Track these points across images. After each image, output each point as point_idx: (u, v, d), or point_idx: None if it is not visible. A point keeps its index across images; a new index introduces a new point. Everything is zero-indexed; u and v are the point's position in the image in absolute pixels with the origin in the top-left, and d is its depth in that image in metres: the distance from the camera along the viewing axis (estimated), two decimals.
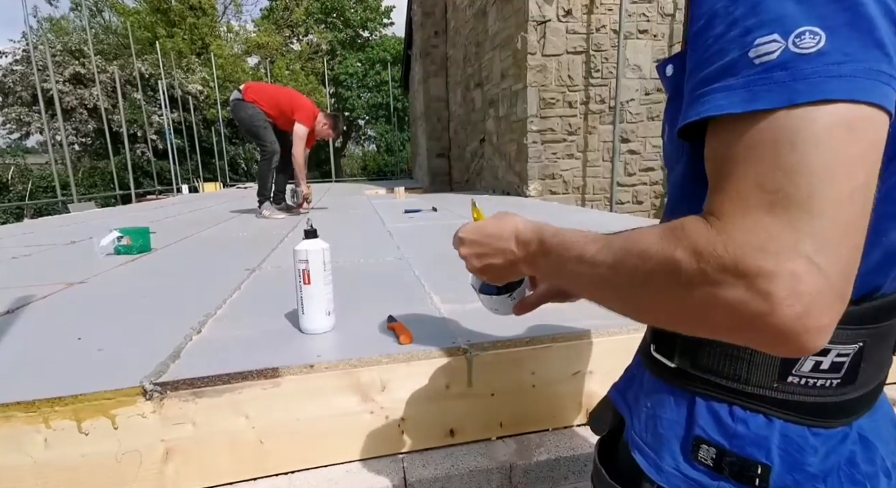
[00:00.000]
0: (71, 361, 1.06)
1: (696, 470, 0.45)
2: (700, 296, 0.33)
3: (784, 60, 0.31)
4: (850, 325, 0.41)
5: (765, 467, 0.42)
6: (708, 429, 0.44)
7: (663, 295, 0.35)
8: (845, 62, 0.30)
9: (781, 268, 0.29)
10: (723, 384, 0.44)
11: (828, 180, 0.29)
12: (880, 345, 0.44)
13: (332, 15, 24.11)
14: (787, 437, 0.42)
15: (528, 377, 1.08)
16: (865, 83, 0.30)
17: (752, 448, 0.43)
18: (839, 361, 0.42)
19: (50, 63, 8.51)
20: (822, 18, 0.30)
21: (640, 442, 0.50)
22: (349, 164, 27.51)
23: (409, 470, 0.98)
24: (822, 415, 0.43)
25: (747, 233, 0.31)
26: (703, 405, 0.45)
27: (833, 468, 0.43)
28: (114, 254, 2.47)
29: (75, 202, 7.86)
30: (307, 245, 1.13)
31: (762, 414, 0.43)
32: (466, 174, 8.20)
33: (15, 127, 16.57)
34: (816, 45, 0.30)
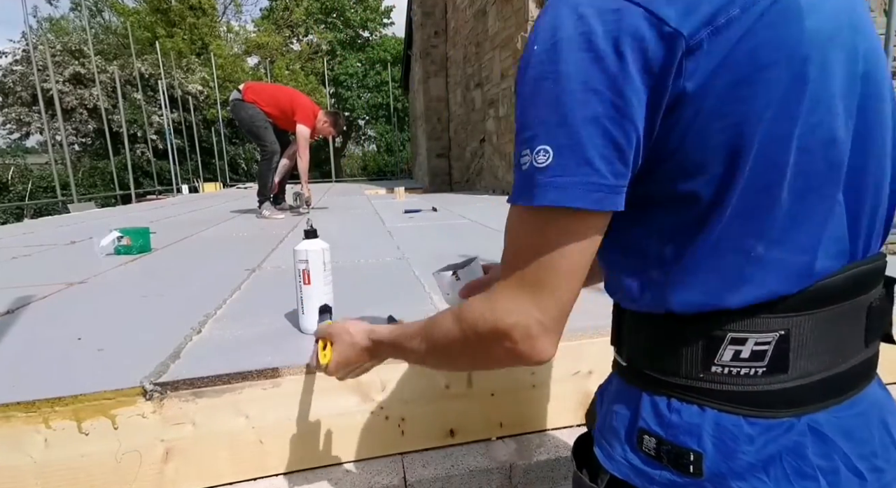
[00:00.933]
0: (71, 361, 1.06)
1: (641, 459, 0.49)
2: (485, 351, 0.50)
3: (529, 170, 0.43)
4: (764, 315, 0.44)
5: (697, 454, 0.45)
6: (649, 421, 0.48)
7: (465, 357, 0.55)
8: (563, 175, 0.41)
9: (519, 325, 0.46)
10: (660, 378, 0.49)
11: (550, 266, 0.44)
12: (818, 333, 0.44)
13: (332, 15, 24.11)
14: (720, 426, 0.45)
15: (528, 377, 1.09)
16: (576, 192, 0.41)
17: (684, 436, 0.46)
18: (759, 349, 0.44)
19: (50, 63, 8.51)
20: (552, 141, 0.41)
21: (598, 435, 0.55)
22: (349, 164, 27.51)
23: (409, 470, 0.98)
24: (758, 404, 0.44)
25: (503, 303, 0.47)
26: (646, 399, 0.49)
27: (773, 458, 0.44)
28: (114, 254, 2.47)
29: (75, 202, 7.86)
30: (307, 245, 1.13)
31: (696, 405, 0.46)
32: (466, 174, 8.20)
33: (15, 127, 16.58)
34: (547, 161, 0.41)
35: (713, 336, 0.45)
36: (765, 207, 0.42)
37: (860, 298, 0.46)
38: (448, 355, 0.56)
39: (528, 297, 0.46)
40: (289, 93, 4.28)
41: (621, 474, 0.50)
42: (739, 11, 0.39)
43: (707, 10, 0.39)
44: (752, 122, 0.40)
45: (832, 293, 0.45)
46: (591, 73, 0.40)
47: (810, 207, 0.43)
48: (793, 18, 0.40)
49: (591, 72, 0.40)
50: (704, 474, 0.45)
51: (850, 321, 0.46)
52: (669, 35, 0.38)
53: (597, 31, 0.40)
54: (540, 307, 0.45)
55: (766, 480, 0.43)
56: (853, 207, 0.46)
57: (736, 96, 0.40)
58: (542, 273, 0.44)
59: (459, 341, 0.52)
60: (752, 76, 0.39)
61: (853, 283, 0.46)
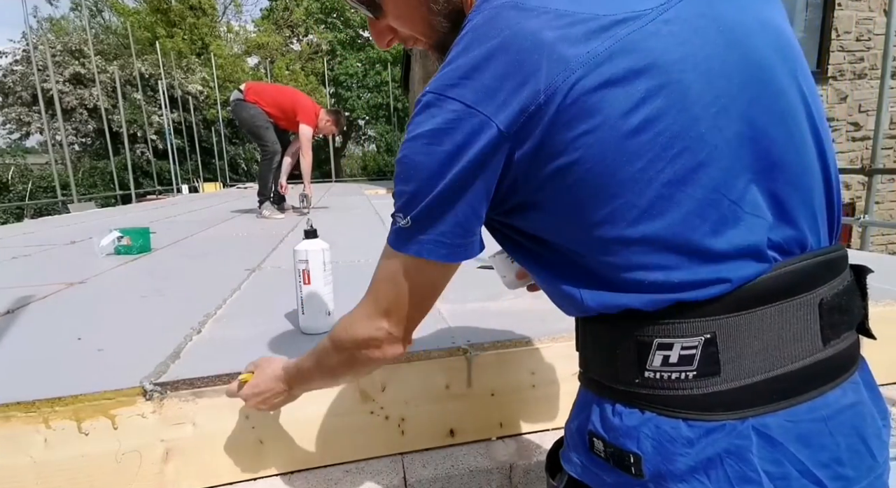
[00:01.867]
0: (71, 361, 1.06)
1: (591, 460, 0.52)
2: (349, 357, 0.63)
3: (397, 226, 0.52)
4: (686, 319, 0.45)
5: (636, 456, 0.46)
6: (597, 424, 0.51)
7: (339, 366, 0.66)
8: (416, 235, 0.51)
9: (372, 337, 0.59)
10: (606, 384, 0.51)
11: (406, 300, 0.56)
12: (748, 335, 0.44)
13: (332, 15, 24.09)
14: (658, 429, 0.46)
15: (528, 377, 1.08)
16: (425, 247, 0.51)
17: (624, 439, 0.48)
18: (687, 354, 0.45)
19: (50, 63, 8.51)
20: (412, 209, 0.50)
21: (564, 439, 0.59)
22: (349, 164, 27.49)
23: (409, 470, 0.98)
24: (695, 408, 0.45)
25: (361, 321, 0.60)
26: (595, 403, 0.52)
27: (713, 460, 0.43)
28: (114, 254, 2.47)
29: (75, 202, 7.86)
30: (307, 245, 1.13)
31: (638, 409, 0.48)
32: None
33: (15, 127, 16.56)
34: (408, 223, 0.50)
35: (642, 342, 0.47)
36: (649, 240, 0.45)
37: (804, 296, 0.45)
38: (329, 367, 0.67)
39: (383, 317, 0.57)
40: (290, 93, 4.28)
41: (577, 474, 0.54)
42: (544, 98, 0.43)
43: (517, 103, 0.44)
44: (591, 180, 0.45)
45: (760, 294, 0.44)
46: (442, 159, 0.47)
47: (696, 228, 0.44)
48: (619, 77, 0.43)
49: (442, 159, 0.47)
50: (645, 475, 0.46)
51: (797, 319, 0.45)
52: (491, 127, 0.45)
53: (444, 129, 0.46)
54: (392, 325, 0.58)
55: (707, 482, 0.43)
56: (779, 207, 0.46)
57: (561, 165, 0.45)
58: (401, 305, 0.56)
59: (331, 352, 0.65)
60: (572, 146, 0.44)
61: (794, 281, 0.45)
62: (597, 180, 0.45)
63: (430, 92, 0.47)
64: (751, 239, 0.45)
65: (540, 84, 0.43)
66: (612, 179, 0.44)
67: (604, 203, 0.45)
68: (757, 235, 0.45)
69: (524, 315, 1.24)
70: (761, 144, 0.45)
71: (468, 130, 0.45)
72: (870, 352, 0.51)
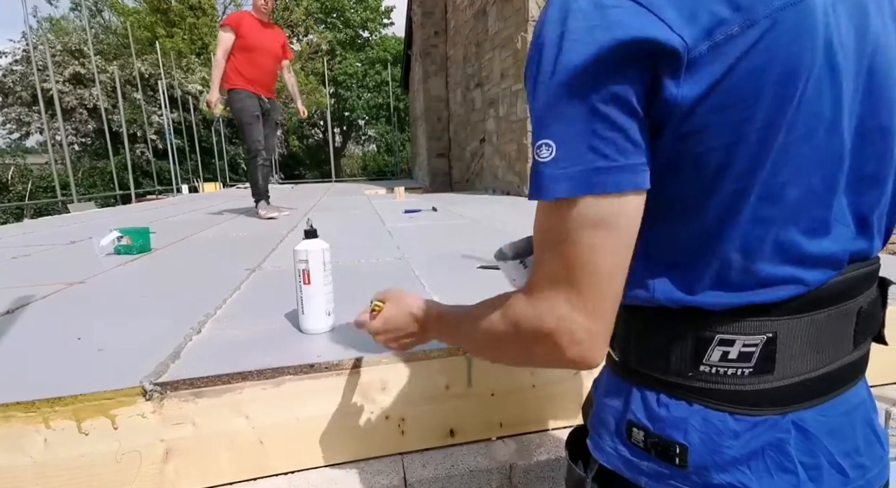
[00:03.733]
0: (71, 361, 1.06)
1: (630, 450, 0.51)
2: (525, 349, 0.50)
3: (537, 165, 0.42)
4: (752, 318, 0.45)
5: (682, 447, 0.47)
6: (638, 414, 0.50)
7: (506, 352, 0.54)
8: (569, 165, 0.41)
9: (563, 328, 0.44)
10: (651, 375, 0.50)
11: (577, 265, 0.42)
12: (804, 337, 0.45)
13: (332, 15, 24.10)
14: (706, 421, 0.46)
15: (527, 377, 1.08)
16: (585, 179, 0.40)
17: (671, 430, 0.48)
18: (747, 351, 0.45)
19: (50, 63, 8.51)
20: (554, 134, 0.41)
21: (590, 427, 0.57)
22: (349, 164, 27.50)
23: (409, 470, 0.98)
24: (743, 403, 0.46)
25: (542, 305, 0.46)
26: (637, 393, 0.51)
27: (756, 452, 0.45)
28: (114, 254, 2.47)
29: (75, 202, 7.86)
30: (307, 245, 1.13)
31: (685, 401, 0.48)
32: (466, 174, 8.20)
33: (15, 127, 16.58)
34: (551, 154, 0.41)
35: (702, 337, 0.46)
36: (759, 222, 0.43)
37: (850, 302, 0.47)
38: (494, 347, 0.55)
39: (564, 298, 0.44)
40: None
41: (611, 464, 0.52)
42: (738, 29, 0.38)
43: (706, 23, 0.38)
44: (744, 142, 0.41)
45: (824, 298, 0.45)
46: (591, 66, 0.40)
47: (806, 223, 0.44)
48: (797, 35, 0.39)
49: (591, 65, 0.40)
50: (689, 466, 0.46)
51: (840, 324, 0.47)
52: (668, 39, 0.38)
53: (598, 26, 0.39)
54: (578, 308, 0.43)
55: (748, 473, 0.45)
56: (861, 216, 0.47)
57: (729, 116, 0.40)
58: (575, 273, 0.43)
59: (503, 336, 0.51)
60: (747, 95, 0.39)
61: (846, 288, 0.46)
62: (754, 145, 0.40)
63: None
64: (835, 247, 0.45)
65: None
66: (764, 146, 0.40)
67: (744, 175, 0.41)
68: (840, 244, 0.45)
69: None
70: (863, 152, 0.45)
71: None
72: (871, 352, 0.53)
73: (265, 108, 4.09)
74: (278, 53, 4.12)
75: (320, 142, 24.83)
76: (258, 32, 3.96)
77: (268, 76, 4.10)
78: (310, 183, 16.53)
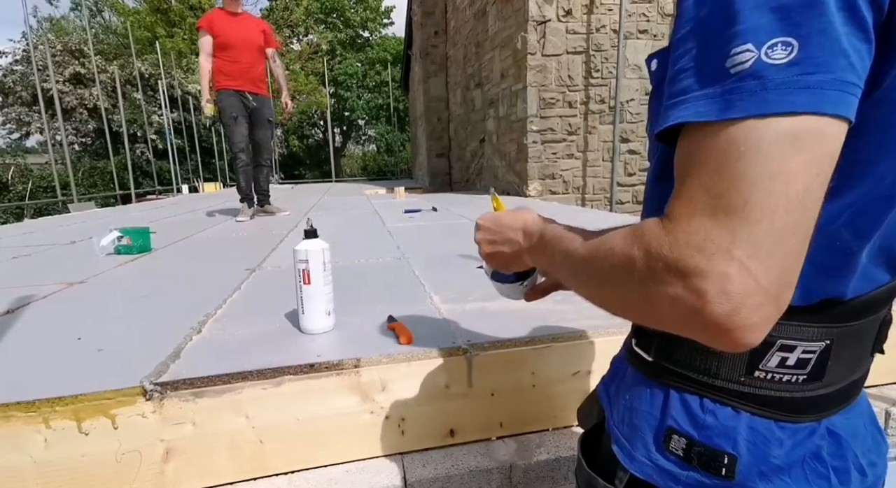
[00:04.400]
0: (71, 361, 1.06)
1: (667, 459, 0.47)
2: (647, 290, 0.36)
3: (756, 70, 0.31)
4: (816, 324, 0.43)
5: (731, 457, 0.44)
6: (679, 420, 0.46)
7: (620, 288, 0.39)
8: (815, 73, 0.30)
9: (714, 269, 0.31)
10: (694, 378, 0.46)
11: (765, 189, 0.31)
12: (850, 344, 0.45)
13: (332, 15, 24.10)
14: (753, 429, 0.44)
15: (528, 377, 1.08)
16: (833, 94, 0.30)
17: (719, 439, 0.44)
18: (805, 358, 0.43)
19: (50, 63, 8.50)
20: (796, 27, 0.31)
21: (617, 432, 0.52)
22: (349, 164, 27.49)
23: (409, 470, 0.98)
24: (790, 410, 0.44)
25: (690, 235, 0.33)
26: (676, 397, 0.47)
27: (798, 461, 0.44)
28: (114, 254, 2.47)
29: (75, 202, 7.86)
30: (307, 245, 1.13)
31: (730, 407, 0.44)
32: (466, 174, 8.20)
33: (15, 127, 16.57)
34: (788, 55, 0.31)
35: (764, 341, 0.37)
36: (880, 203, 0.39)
37: (882, 311, 0.46)
38: (604, 279, 0.41)
39: (727, 229, 0.31)
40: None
41: (643, 474, 0.48)
42: None
43: None
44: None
45: (870, 306, 0.44)
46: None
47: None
48: None
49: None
50: (736, 477, 0.44)
51: (870, 333, 0.46)
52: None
53: None
54: (748, 247, 0.31)
55: (789, 481, 0.44)
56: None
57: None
58: (755, 194, 0.31)
59: (623, 265, 0.38)
60: None
61: (887, 296, 0.45)
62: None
63: None
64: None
65: None
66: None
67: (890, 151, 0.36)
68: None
69: (524, 315, 1.24)
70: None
71: None
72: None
73: (250, 105, 3.93)
74: (258, 43, 3.93)
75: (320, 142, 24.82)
76: (230, 27, 3.81)
77: (250, 70, 3.90)
78: (310, 183, 16.53)
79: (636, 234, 0.37)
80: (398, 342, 1.09)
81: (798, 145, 0.31)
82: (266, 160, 4.19)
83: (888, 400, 1.23)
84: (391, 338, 1.13)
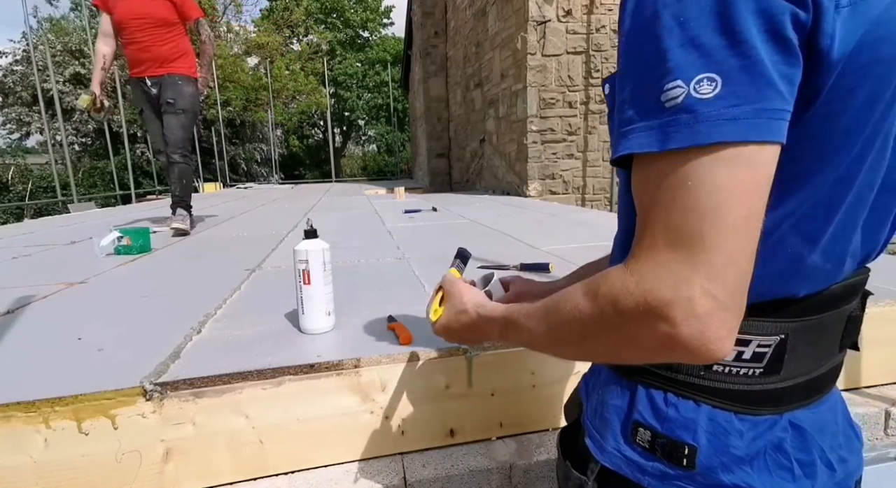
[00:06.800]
0: (71, 361, 1.06)
1: (634, 451, 0.50)
2: (624, 336, 0.39)
3: (687, 104, 0.34)
4: (769, 318, 0.44)
5: (691, 448, 0.46)
6: (645, 414, 0.49)
7: (596, 341, 0.43)
8: (738, 105, 0.33)
9: (679, 296, 0.35)
10: (659, 373, 0.49)
11: (714, 218, 0.34)
12: (808, 339, 0.46)
13: (332, 15, 24.11)
14: (713, 421, 0.46)
15: (528, 377, 1.08)
16: (757, 123, 0.33)
17: (680, 430, 0.47)
18: (760, 352, 0.45)
19: (50, 63, 8.50)
20: (718, 64, 0.34)
21: (589, 426, 0.55)
22: (349, 164, 27.49)
23: (409, 470, 0.98)
24: (749, 402, 0.46)
25: (655, 270, 0.36)
26: (643, 392, 0.50)
27: (759, 452, 0.46)
28: (114, 254, 2.47)
29: (75, 202, 7.86)
30: (307, 245, 1.13)
31: (692, 400, 0.47)
32: (466, 174, 8.20)
33: (15, 127, 16.56)
34: (714, 90, 0.34)
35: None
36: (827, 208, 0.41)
37: (845, 307, 0.48)
38: (577, 339, 0.44)
39: (687, 260, 0.35)
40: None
41: (613, 465, 0.51)
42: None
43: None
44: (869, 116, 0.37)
45: (828, 302, 0.46)
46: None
47: (854, 221, 0.43)
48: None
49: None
50: (697, 467, 0.46)
51: (834, 328, 0.48)
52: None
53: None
54: (707, 272, 0.34)
55: (751, 472, 0.45)
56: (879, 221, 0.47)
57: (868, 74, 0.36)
58: (706, 224, 0.34)
59: (593, 321, 0.41)
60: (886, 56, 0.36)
61: (844, 294, 0.47)
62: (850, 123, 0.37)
63: None
64: (854, 247, 0.45)
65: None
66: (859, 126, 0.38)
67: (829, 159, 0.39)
68: (855, 244, 0.46)
69: None
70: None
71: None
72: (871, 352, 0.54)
73: (152, 93, 3.24)
74: (158, 16, 3.15)
75: (320, 142, 24.82)
76: (124, 1, 3.12)
77: (149, 50, 3.19)
78: (310, 183, 16.53)
79: (596, 291, 0.41)
80: (398, 342, 1.09)
81: (734, 173, 0.34)
82: (176, 153, 3.31)
83: (888, 400, 1.23)
84: (391, 338, 1.12)
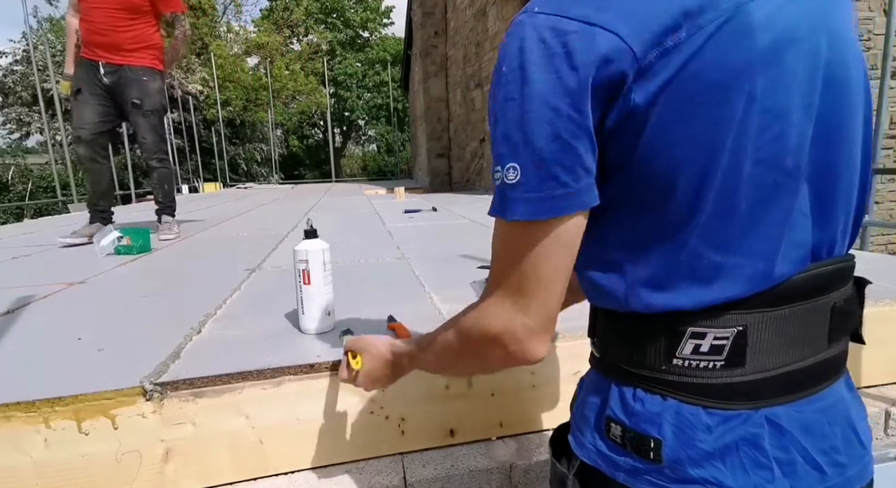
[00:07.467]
0: (71, 361, 1.06)
1: (608, 446, 0.52)
2: (480, 356, 0.55)
3: (503, 185, 0.46)
4: (724, 311, 0.46)
5: (657, 441, 0.47)
6: (616, 410, 0.51)
7: (465, 362, 0.60)
8: (530, 191, 0.45)
9: (507, 328, 0.50)
10: (628, 370, 0.51)
11: (529, 272, 0.47)
12: (773, 330, 0.46)
13: (332, 15, 24.11)
14: (679, 415, 0.47)
15: (527, 377, 1.08)
16: (544, 205, 0.44)
17: (646, 424, 0.48)
18: (718, 344, 0.46)
19: (50, 63, 8.51)
20: (518, 157, 0.45)
21: (572, 423, 0.59)
22: (349, 164, 27.49)
23: (409, 470, 0.98)
24: (715, 396, 0.47)
25: (490, 309, 0.51)
26: (615, 389, 0.52)
27: (730, 447, 0.46)
28: (114, 254, 2.47)
29: (75, 202, 7.84)
30: (307, 245, 1.13)
31: (659, 395, 0.49)
32: (466, 174, 8.20)
33: (15, 127, 16.56)
34: (516, 177, 0.45)
35: (675, 331, 0.48)
36: (722, 217, 0.44)
37: (822, 299, 0.48)
38: (451, 362, 0.62)
39: (512, 303, 0.49)
40: None
41: (590, 460, 0.53)
42: (686, 35, 0.41)
43: (656, 31, 0.41)
44: (698, 140, 0.43)
45: (791, 294, 0.46)
46: (551, 92, 0.43)
47: (768, 216, 0.45)
48: (742, 37, 0.41)
49: (551, 92, 0.43)
50: (664, 460, 0.47)
51: (813, 320, 0.48)
52: (623, 52, 0.41)
53: (557, 53, 0.43)
54: (525, 311, 0.49)
55: (723, 468, 0.45)
56: (821, 210, 0.47)
57: (682, 116, 0.42)
58: (524, 281, 0.48)
59: (457, 348, 0.58)
60: (698, 97, 0.42)
61: (814, 285, 0.47)
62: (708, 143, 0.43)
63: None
64: (799, 238, 0.46)
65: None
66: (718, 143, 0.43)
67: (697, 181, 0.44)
68: (803, 236, 0.47)
69: None
70: (824, 143, 0.46)
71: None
72: (871, 352, 0.53)
73: (105, 81, 2.90)
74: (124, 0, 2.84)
75: (320, 142, 24.81)
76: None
77: (106, 33, 2.86)
78: (310, 183, 16.53)
79: (459, 327, 0.57)
80: None
81: (539, 240, 0.46)
82: (153, 159, 3.01)
83: (888, 400, 1.23)
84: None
